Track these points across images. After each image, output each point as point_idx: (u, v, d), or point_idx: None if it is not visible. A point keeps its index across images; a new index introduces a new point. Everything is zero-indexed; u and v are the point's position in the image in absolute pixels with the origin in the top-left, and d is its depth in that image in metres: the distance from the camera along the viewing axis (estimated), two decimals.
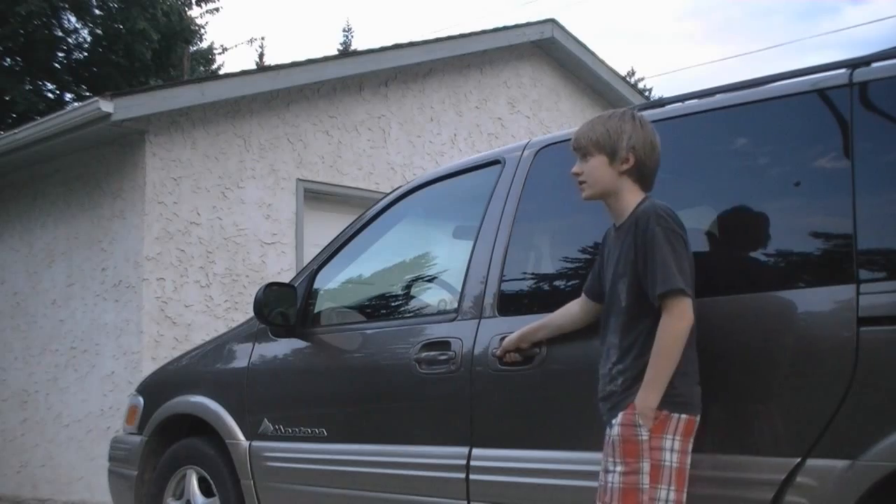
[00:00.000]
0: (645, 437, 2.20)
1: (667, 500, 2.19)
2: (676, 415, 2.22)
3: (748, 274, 2.48)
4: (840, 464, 2.09)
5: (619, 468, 2.22)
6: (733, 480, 2.27)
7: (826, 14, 54.48)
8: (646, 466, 2.19)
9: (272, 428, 3.54)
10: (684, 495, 2.22)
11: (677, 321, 2.21)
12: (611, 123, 2.43)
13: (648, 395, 2.21)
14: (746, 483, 2.24)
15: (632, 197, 2.41)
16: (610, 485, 2.22)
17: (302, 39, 52.54)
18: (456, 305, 3.06)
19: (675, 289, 2.21)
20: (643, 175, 2.43)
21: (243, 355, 3.77)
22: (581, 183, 2.46)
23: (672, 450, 2.21)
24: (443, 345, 2.99)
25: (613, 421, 2.27)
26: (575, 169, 2.47)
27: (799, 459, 2.16)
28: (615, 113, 2.49)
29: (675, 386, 2.22)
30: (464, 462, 2.86)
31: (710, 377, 2.38)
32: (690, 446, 2.25)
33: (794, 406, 2.22)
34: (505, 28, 9.02)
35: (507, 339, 2.71)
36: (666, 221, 2.28)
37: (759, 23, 53.99)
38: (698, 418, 2.27)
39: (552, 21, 9.29)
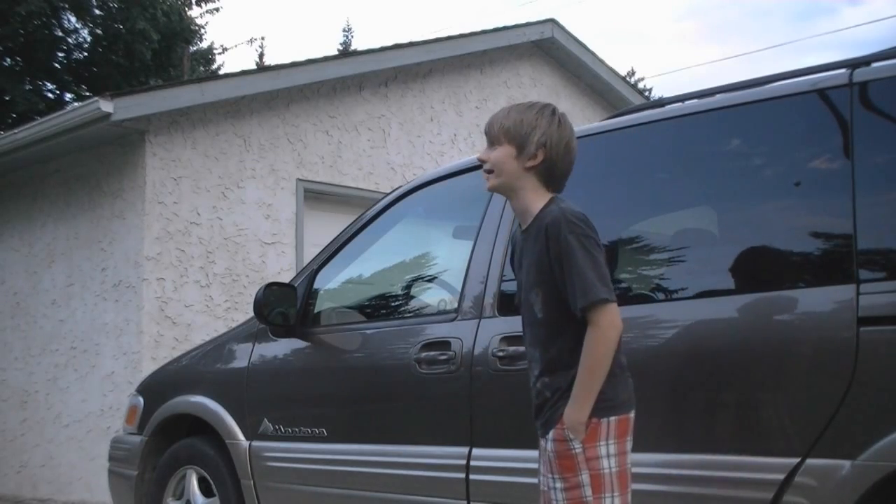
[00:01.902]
0: (579, 451, 2.11)
1: None
2: (606, 419, 2.12)
3: (748, 274, 2.48)
4: (840, 464, 2.09)
5: (559, 484, 2.14)
6: (733, 480, 2.27)
7: (824, 15, 54.52)
8: (585, 478, 2.11)
9: (272, 428, 3.54)
10: (629, 496, 2.15)
11: (606, 332, 2.09)
12: (527, 115, 2.25)
13: (577, 409, 2.10)
14: (746, 483, 2.24)
15: (535, 197, 2.25)
16: (554, 502, 2.15)
17: (302, 39, 52.56)
18: (456, 305, 3.06)
19: (599, 300, 2.07)
20: (551, 176, 2.26)
21: (243, 355, 3.77)
22: (487, 172, 2.30)
23: (609, 455, 2.12)
24: (443, 345, 2.99)
25: (547, 436, 2.19)
26: (481, 155, 2.32)
27: (799, 459, 2.16)
28: (536, 104, 2.30)
29: (601, 391, 2.10)
30: (464, 462, 2.86)
31: (710, 377, 2.38)
32: (629, 444, 2.17)
33: (793, 406, 2.22)
34: (505, 28, 9.02)
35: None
36: (578, 227, 2.13)
37: (756, 23, 54.04)
38: (632, 414, 2.18)
39: (552, 21, 9.29)
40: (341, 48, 29.00)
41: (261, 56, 26.44)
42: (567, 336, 2.17)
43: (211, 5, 17.15)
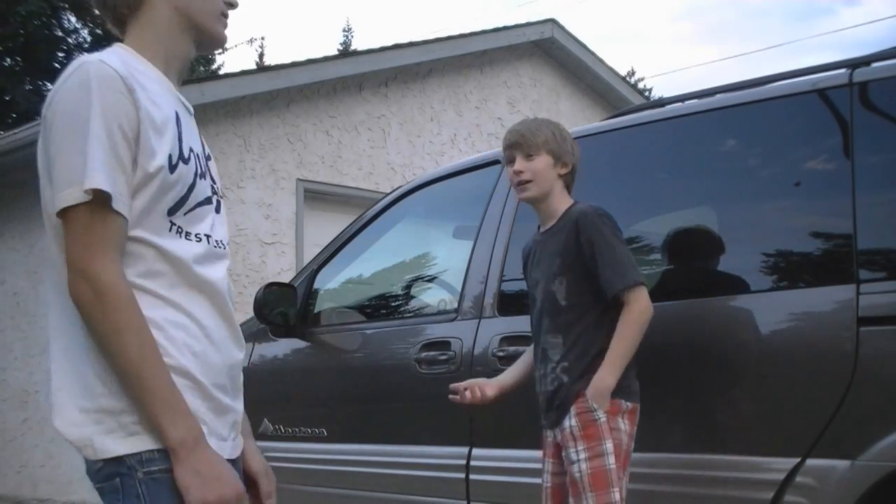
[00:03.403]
0: (603, 419, 2.21)
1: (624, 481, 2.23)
2: (624, 401, 2.24)
3: (748, 274, 2.48)
4: (840, 464, 2.09)
5: (583, 455, 2.21)
6: (733, 480, 2.27)
7: (821, 15, 54.46)
8: (609, 447, 2.20)
9: (272, 428, 3.54)
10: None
11: (642, 313, 2.24)
12: (553, 127, 2.45)
13: (607, 375, 2.21)
14: (746, 483, 2.24)
15: (562, 200, 2.43)
16: (578, 474, 2.21)
17: (302, 39, 52.56)
18: (456, 305, 3.06)
19: (636, 282, 2.24)
20: (572, 181, 2.46)
21: None
22: (525, 182, 2.41)
23: (625, 432, 2.23)
24: (443, 345, 2.99)
25: (567, 414, 2.26)
26: (518, 167, 2.42)
27: (799, 459, 2.16)
28: (546, 120, 2.52)
29: (624, 375, 2.24)
30: (464, 462, 2.86)
31: (710, 377, 2.38)
32: (634, 432, 2.27)
33: (794, 406, 2.22)
34: (505, 28, 9.02)
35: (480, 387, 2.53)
36: (609, 219, 2.32)
37: (753, 24, 54.02)
38: (638, 406, 2.29)
39: (552, 21, 9.29)
40: (341, 48, 28.94)
41: (261, 56, 26.34)
42: (588, 320, 2.30)
43: None
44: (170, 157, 1.46)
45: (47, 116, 1.44)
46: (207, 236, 1.54)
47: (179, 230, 1.49)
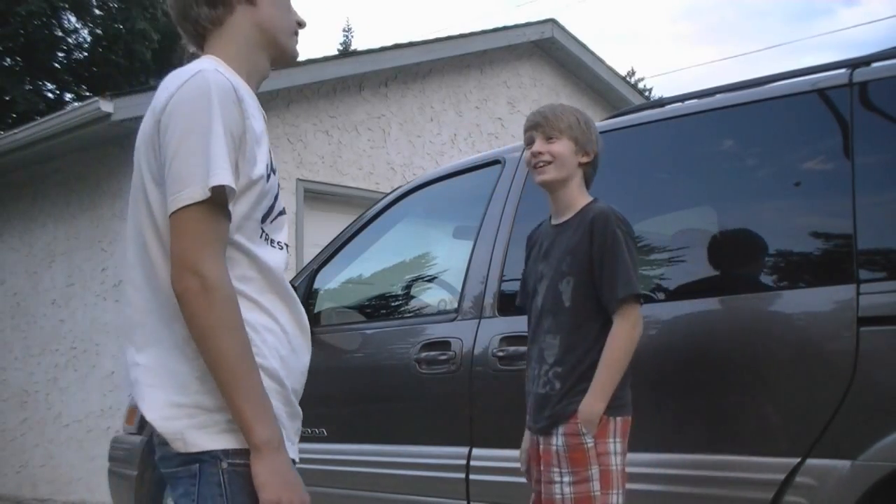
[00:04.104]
0: (591, 445, 2.16)
1: None
2: (614, 418, 2.18)
3: (748, 274, 2.48)
4: (840, 464, 2.09)
5: (567, 478, 2.17)
6: (733, 480, 2.27)
7: (820, 15, 54.49)
8: (595, 473, 2.15)
9: None
10: (624, 496, 2.20)
11: (633, 328, 2.17)
12: (578, 114, 2.37)
13: (595, 402, 2.15)
14: (746, 483, 2.24)
15: (580, 193, 2.34)
16: (559, 496, 2.18)
17: (302, 39, 52.53)
18: (456, 305, 3.06)
19: (635, 294, 2.18)
20: (591, 175, 2.38)
21: None
22: (544, 164, 2.32)
23: (615, 453, 2.17)
24: (443, 345, 2.99)
25: (554, 431, 2.22)
26: (539, 147, 2.33)
27: (799, 459, 2.16)
28: (571, 106, 2.44)
29: (616, 387, 2.17)
30: (464, 462, 2.86)
31: (710, 377, 2.38)
32: (626, 447, 2.22)
33: (794, 406, 2.22)
34: (505, 28, 9.01)
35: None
36: (625, 225, 2.24)
37: (753, 24, 54.03)
38: (630, 417, 2.23)
39: (552, 21, 9.29)
40: (341, 48, 28.96)
41: None
42: (590, 326, 2.23)
43: None
44: (266, 166, 1.53)
45: (162, 120, 1.48)
46: (287, 245, 1.61)
47: (267, 237, 1.56)
